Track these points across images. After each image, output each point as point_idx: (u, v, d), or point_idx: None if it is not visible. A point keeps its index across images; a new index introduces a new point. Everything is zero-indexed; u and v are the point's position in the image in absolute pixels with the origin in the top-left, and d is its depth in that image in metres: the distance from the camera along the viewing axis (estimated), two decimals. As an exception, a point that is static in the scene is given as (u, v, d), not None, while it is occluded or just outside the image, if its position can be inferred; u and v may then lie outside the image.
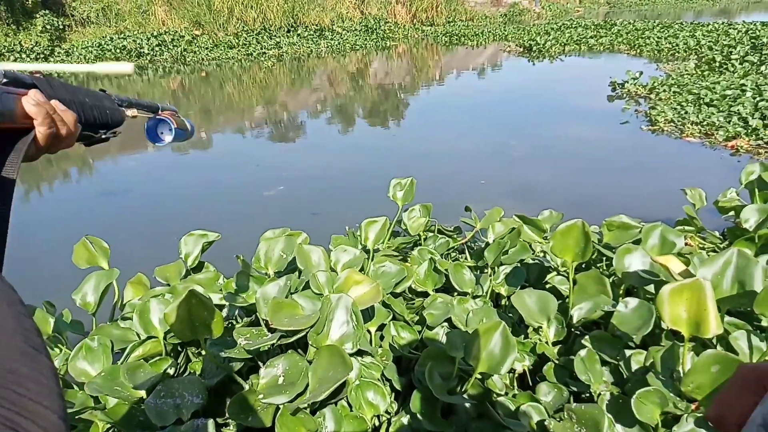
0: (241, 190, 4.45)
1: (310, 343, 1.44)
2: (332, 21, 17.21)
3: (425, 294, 1.97)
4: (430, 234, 2.53)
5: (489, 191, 4.18)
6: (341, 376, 1.24)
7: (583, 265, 1.99)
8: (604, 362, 1.46)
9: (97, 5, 14.36)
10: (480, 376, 1.43)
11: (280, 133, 6.54)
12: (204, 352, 1.64)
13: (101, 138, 0.84)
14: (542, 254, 2.22)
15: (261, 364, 1.49)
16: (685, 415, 1.20)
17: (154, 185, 4.78)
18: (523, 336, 1.69)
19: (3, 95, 0.59)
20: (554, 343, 1.63)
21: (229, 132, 6.91)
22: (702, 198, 2.50)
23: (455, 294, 1.91)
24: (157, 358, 1.54)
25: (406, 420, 1.40)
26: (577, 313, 1.61)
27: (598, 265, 2.07)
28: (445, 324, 1.70)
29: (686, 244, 2.33)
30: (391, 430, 1.40)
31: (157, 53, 13.22)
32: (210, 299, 1.25)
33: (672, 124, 5.66)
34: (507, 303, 1.92)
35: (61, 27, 13.37)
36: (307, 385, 1.33)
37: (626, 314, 1.49)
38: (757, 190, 2.47)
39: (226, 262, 2.20)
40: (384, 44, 15.78)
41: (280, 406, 1.31)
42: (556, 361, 1.55)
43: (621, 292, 1.77)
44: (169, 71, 11.73)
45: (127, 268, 1.98)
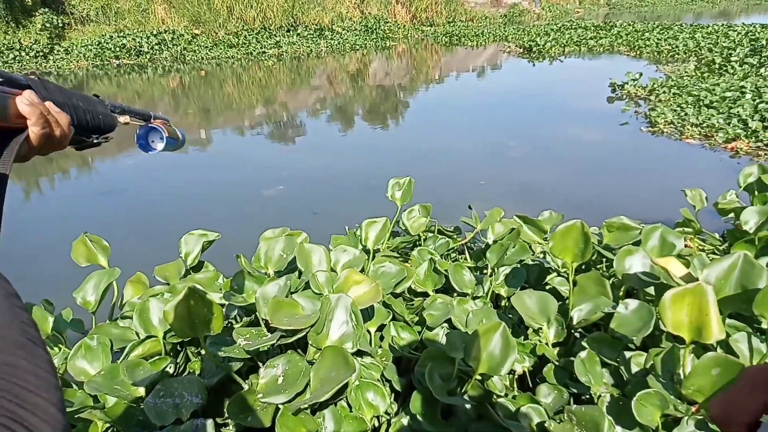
0: (241, 190, 4.45)
1: (310, 343, 1.44)
2: (332, 21, 17.21)
3: (425, 294, 1.97)
4: (430, 234, 2.53)
5: (489, 192, 4.18)
6: (344, 378, 1.23)
7: (583, 267, 1.99)
8: (605, 364, 1.46)
9: (97, 3, 14.34)
10: (480, 377, 1.42)
11: (280, 133, 6.54)
12: (203, 352, 1.64)
13: (93, 143, 0.84)
14: (542, 255, 2.22)
15: (260, 364, 1.49)
16: (685, 417, 1.20)
17: (153, 184, 4.77)
18: (523, 337, 1.68)
19: (2, 95, 0.59)
20: (554, 345, 1.63)
21: (229, 131, 6.90)
22: (702, 199, 2.50)
23: (455, 295, 1.91)
24: (157, 357, 1.54)
25: (405, 421, 1.39)
26: (577, 315, 1.61)
27: (598, 266, 2.07)
28: (445, 325, 1.70)
29: (686, 245, 2.33)
30: (391, 430, 1.40)
31: (157, 52, 13.22)
32: (210, 296, 1.24)
33: (672, 125, 5.67)
34: (507, 304, 1.92)
35: (61, 25, 13.34)
36: (307, 385, 1.32)
37: (626, 316, 1.49)
38: (756, 192, 2.47)
39: (226, 261, 2.20)
40: (384, 44, 15.78)
41: (280, 406, 1.31)
42: (556, 363, 1.55)
43: (621, 293, 1.76)
44: (169, 70, 11.72)
45: (127, 267, 1.97)
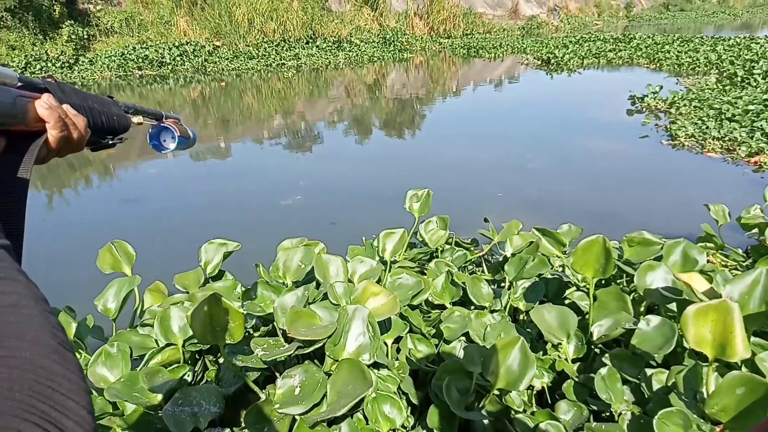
0: (259, 199, 4.49)
1: (327, 354, 1.44)
2: (350, 33, 17.38)
3: (442, 307, 1.96)
4: (448, 246, 2.52)
5: (506, 204, 4.16)
6: (360, 392, 1.23)
7: (603, 281, 1.96)
8: (625, 381, 1.44)
9: (121, 16, 14.67)
10: (498, 392, 1.41)
11: (298, 143, 6.59)
12: (221, 361, 1.65)
13: (108, 143, 0.85)
14: (561, 269, 2.20)
15: (278, 375, 1.49)
16: (709, 437, 1.17)
17: (173, 193, 4.84)
18: (542, 352, 1.66)
19: (18, 98, 0.61)
20: (574, 360, 1.60)
21: (248, 141, 6.98)
22: (725, 214, 2.46)
23: (473, 308, 1.90)
24: (176, 365, 1.55)
25: (422, 435, 1.38)
26: (598, 330, 1.59)
27: (618, 281, 2.04)
28: (463, 338, 1.69)
29: (708, 261, 2.29)
30: (407, 444, 1.39)
31: (179, 63, 13.45)
32: (231, 304, 1.25)
33: (693, 138, 5.60)
34: (525, 318, 1.90)
35: (86, 37, 13.66)
36: (324, 397, 1.32)
37: (648, 332, 1.46)
38: (782, 208, 2.42)
39: (244, 270, 2.22)
40: (401, 56, 15.88)
41: (297, 417, 1.31)
42: (576, 379, 1.53)
43: (642, 309, 1.74)
44: (190, 81, 11.91)
45: (147, 275, 1.99)
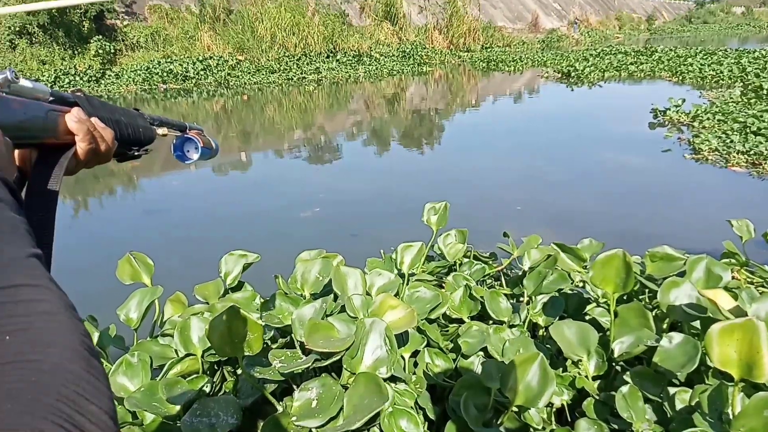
0: (279, 211, 4.53)
1: (345, 366, 1.44)
2: (370, 47, 17.55)
3: (460, 321, 1.95)
4: (466, 260, 2.51)
5: (525, 217, 4.13)
6: (377, 406, 1.22)
7: (625, 297, 1.93)
8: (647, 399, 1.41)
9: (147, 31, 15.04)
10: (517, 409, 1.39)
11: (318, 156, 6.65)
12: (239, 372, 1.66)
13: (134, 155, 0.86)
14: (581, 284, 2.17)
15: (295, 387, 1.50)
16: (735, 460, 1.14)
17: (195, 204, 4.90)
18: (561, 369, 1.64)
19: (49, 112, 0.62)
20: (594, 378, 1.58)
21: (268, 154, 7.07)
22: (750, 230, 2.40)
23: (491, 322, 1.88)
24: (194, 376, 1.56)
25: (439, 450, 1.37)
26: (619, 347, 1.56)
27: (640, 297, 2.01)
28: (481, 353, 1.67)
29: (733, 278, 2.24)
30: (424, 460, 1.38)
31: (202, 77, 13.73)
32: (250, 316, 1.26)
33: (716, 152, 5.51)
34: (545, 334, 1.88)
35: (113, 51, 14.02)
36: (340, 410, 1.32)
37: (670, 350, 1.43)
38: (810, 224, 2.36)
39: (263, 281, 2.23)
40: (420, 69, 15.97)
41: (314, 430, 1.30)
42: (597, 397, 1.50)
43: (665, 326, 1.70)
44: (213, 94, 12.13)
45: (168, 285, 2.02)
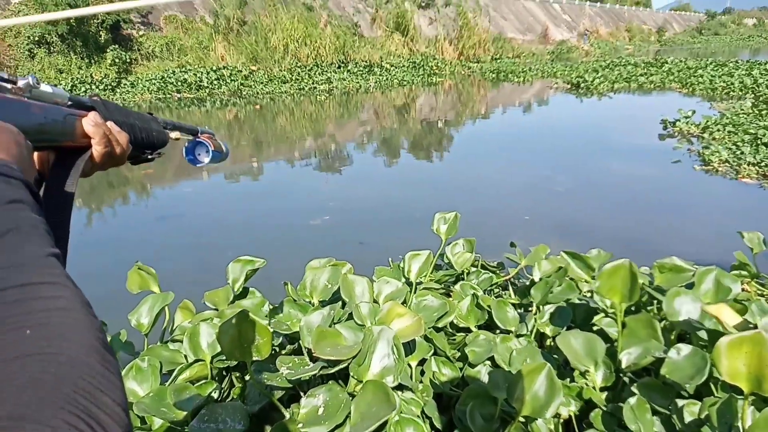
0: (289, 219, 4.55)
1: (352, 374, 1.45)
2: (381, 58, 17.68)
3: (467, 330, 1.95)
4: (473, 269, 2.51)
5: (533, 227, 4.12)
6: (384, 414, 1.23)
7: (633, 308, 1.92)
8: (655, 411, 1.40)
9: (162, 41, 15.25)
10: (523, 420, 1.39)
11: (327, 164, 6.69)
12: (247, 378, 1.67)
13: (147, 158, 0.88)
14: (590, 294, 2.17)
15: (302, 394, 1.51)
16: (743, 473, 1.13)
17: (206, 211, 4.95)
18: (569, 379, 1.64)
19: (67, 116, 0.64)
20: (602, 389, 1.57)
21: (280, 162, 7.12)
22: (761, 242, 2.39)
23: (498, 332, 1.88)
24: (203, 381, 1.58)
25: (445, 459, 1.37)
26: (626, 358, 1.56)
27: (649, 308, 2.00)
28: (488, 362, 1.67)
29: (743, 290, 2.23)
30: (430, 468, 1.38)
31: (216, 87, 13.89)
32: (260, 321, 1.28)
33: (727, 164, 5.47)
34: (552, 344, 1.87)
35: (128, 61, 14.23)
36: (347, 418, 1.33)
37: (678, 361, 1.43)
38: (822, 236, 2.34)
39: (273, 288, 2.25)
40: (430, 80, 16.04)
41: (320, 436, 1.31)
42: (604, 408, 1.50)
43: (673, 337, 1.70)
44: (226, 104, 12.25)
45: (179, 291, 2.04)
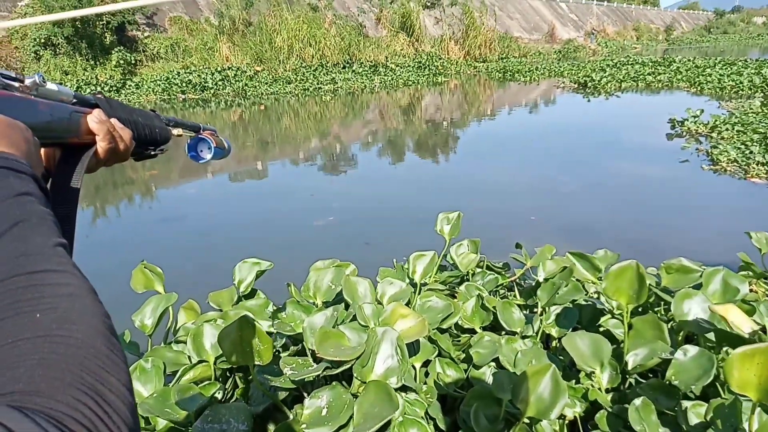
0: (293, 220, 4.56)
1: (355, 375, 1.44)
2: (386, 58, 17.67)
3: (472, 331, 1.94)
4: (479, 270, 2.50)
5: (539, 228, 4.10)
6: (387, 414, 1.23)
7: (640, 309, 1.91)
8: (661, 413, 1.39)
9: (167, 42, 15.32)
10: (528, 421, 1.38)
11: (332, 165, 6.69)
12: (251, 378, 1.67)
13: (150, 154, 0.89)
14: (596, 295, 2.15)
15: (305, 394, 1.50)
16: (751, 476, 1.12)
17: (210, 212, 4.96)
18: (574, 381, 1.62)
19: (72, 114, 0.66)
20: (607, 390, 1.56)
21: (284, 163, 7.13)
22: (769, 243, 2.36)
23: (503, 333, 1.87)
24: (207, 382, 1.57)
25: (449, 461, 1.36)
26: (633, 360, 1.54)
27: (656, 309, 1.98)
28: (493, 363, 1.66)
29: (751, 290, 2.20)
30: (433, 470, 1.37)
31: (220, 87, 13.93)
32: (261, 327, 1.28)
33: (735, 163, 5.43)
34: (558, 345, 1.86)
35: (133, 62, 14.30)
36: (351, 418, 1.32)
37: (685, 363, 1.41)
38: (831, 236, 2.31)
39: (277, 289, 2.25)
40: (436, 80, 16.02)
41: (324, 438, 1.31)
42: (609, 409, 1.49)
43: (680, 338, 1.68)
44: (231, 104, 12.28)
45: (183, 292, 2.05)
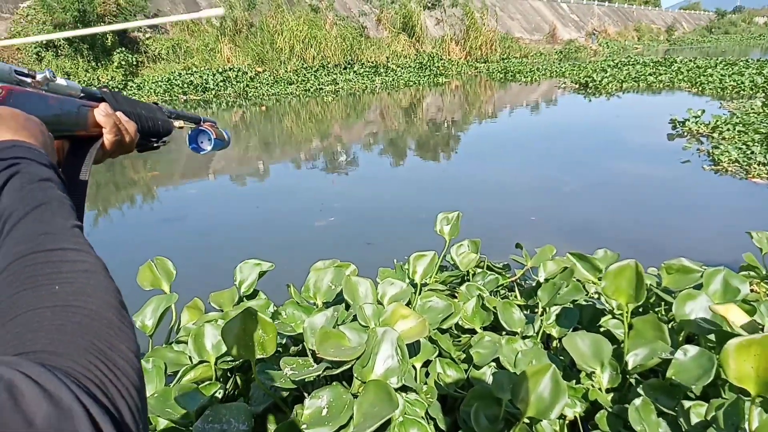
0: (294, 220, 4.56)
1: (355, 375, 1.45)
2: (387, 58, 17.68)
3: (472, 331, 1.94)
4: (479, 270, 2.50)
5: (540, 228, 4.10)
6: (386, 413, 1.23)
7: (641, 309, 1.91)
8: (661, 413, 1.39)
9: (168, 43, 15.33)
10: (528, 421, 1.38)
11: (333, 166, 6.69)
12: (252, 378, 1.67)
13: (153, 146, 0.92)
14: (596, 296, 2.15)
15: (306, 394, 1.51)
16: (751, 476, 1.12)
17: (212, 213, 4.96)
18: (574, 381, 1.62)
19: (80, 107, 0.68)
20: (608, 390, 1.56)
21: (285, 164, 7.13)
22: (770, 243, 2.36)
23: (503, 333, 1.87)
24: (208, 382, 1.58)
25: (449, 461, 1.36)
26: (633, 360, 1.54)
27: (656, 309, 1.98)
28: (493, 364, 1.66)
29: (752, 290, 2.20)
30: (434, 470, 1.37)
31: (222, 88, 13.93)
32: (265, 317, 1.28)
33: (736, 164, 5.42)
34: (558, 345, 1.86)
35: (135, 63, 14.31)
36: (351, 419, 1.32)
37: (685, 363, 1.41)
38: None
39: (277, 289, 2.25)
40: (437, 80, 16.02)
41: (324, 437, 1.31)
42: (610, 409, 1.49)
43: (680, 338, 1.68)
44: (232, 105, 12.29)
45: (184, 293, 2.05)
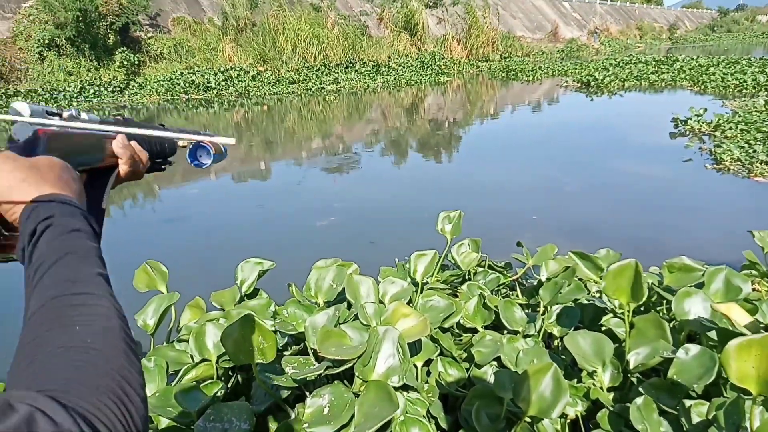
0: (296, 220, 4.56)
1: (357, 374, 1.45)
2: (389, 57, 17.67)
3: (474, 330, 1.94)
4: (480, 269, 2.50)
5: (541, 227, 4.10)
6: (387, 414, 1.23)
7: (642, 308, 1.91)
8: (663, 412, 1.38)
9: (170, 43, 15.35)
10: (529, 420, 1.38)
11: (334, 165, 6.70)
12: (254, 377, 1.67)
13: (160, 168, 0.95)
14: (598, 295, 2.15)
15: (307, 393, 1.51)
16: (752, 475, 1.12)
17: (213, 213, 4.97)
18: (576, 380, 1.62)
19: (100, 140, 0.74)
20: (609, 389, 1.56)
21: (287, 163, 7.14)
22: (772, 241, 2.36)
23: (505, 332, 1.87)
24: (209, 381, 1.58)
25: (451, 460, 1.36)
26: (634, 359, 1.54)
27: (658, 308, 1.98)
28: (494, 363, 1.66)
29: (754, 289, 2.20)
30: (435, 469, 1.37)
31: (223, 88, 13.95)
32: (265, 325, 1.28)
33: (739, 162, 5.41)
34: (559, 344, 1.86)
35: (137, 62, 14.34)
36: (352, 417, 1.32)
37: (687, 362, 1.41)
38: (835, 235, 2.30)
39: (278, 288, 2.25)
40: (438, 79, 16.01)
41: (325, 436, 1.31)
42: (611, 408, 1.48)
43: (682, 338, 1.68)
44: (234, 105, 12.30)
45: (186, 292, 2.05)
